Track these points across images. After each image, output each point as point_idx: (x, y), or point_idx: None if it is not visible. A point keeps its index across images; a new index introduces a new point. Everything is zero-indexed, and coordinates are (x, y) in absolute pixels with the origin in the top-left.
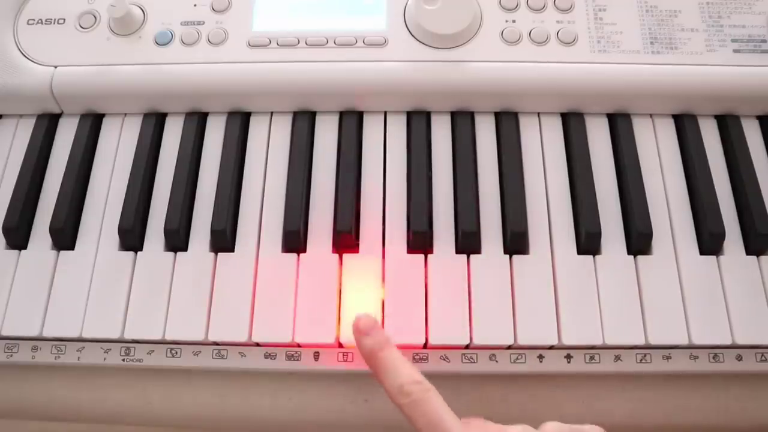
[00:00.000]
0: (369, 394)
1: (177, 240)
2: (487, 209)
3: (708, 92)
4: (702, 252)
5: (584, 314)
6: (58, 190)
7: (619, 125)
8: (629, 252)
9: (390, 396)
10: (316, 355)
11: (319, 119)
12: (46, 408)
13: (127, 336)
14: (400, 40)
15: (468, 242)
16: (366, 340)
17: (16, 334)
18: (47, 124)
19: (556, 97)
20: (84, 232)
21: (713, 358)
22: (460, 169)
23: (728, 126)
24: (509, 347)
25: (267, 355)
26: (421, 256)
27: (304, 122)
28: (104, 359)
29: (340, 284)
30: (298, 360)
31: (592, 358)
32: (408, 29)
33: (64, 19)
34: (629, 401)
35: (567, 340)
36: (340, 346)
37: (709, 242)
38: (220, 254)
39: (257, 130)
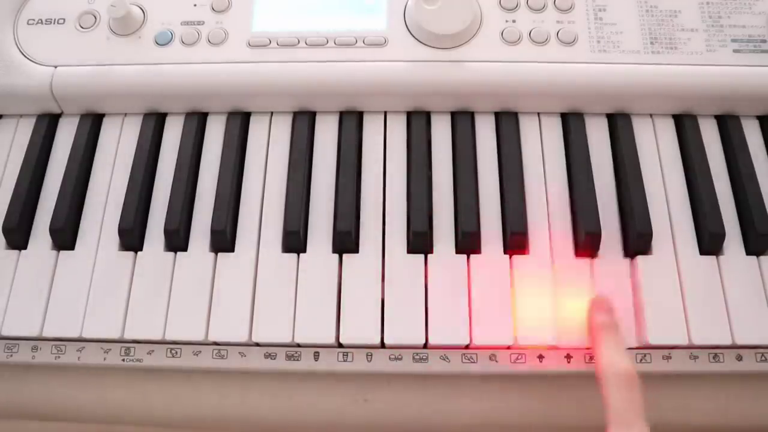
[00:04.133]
0: (369, 394)
1: (177, 240)
2: (487, 209)
3: (708, 92)
4: (702, 252)
5: (584, 314)
6: (58, 190)
7: (619, 125)
8: (629, 252)
9: (597, 368)
10: (316, 355)
11: (319, 119)
12: (46, 408)
13: (127, 336)
14: (400, 40)
15: (468, 242)
16: (598, 316)
17: (16, 334)
18: (47, 124)
19: (556, 97)
20: (84, 232)
21: (713, 358)
22: (460, 169)
23: (728, 126)
24: (509, 347)
25: (267, 355)
26: (421, 257)
27: (304, 122)
28: (104, 359)
29: (340, 284)
30: (298, 360)
31: (592, 358)
32: (408, 29)
33: (64, 19)
34: None
35: (567, 341)
36: (340, 346)
37: (709, 242)
38: (220, 254)
39: (257, 130)
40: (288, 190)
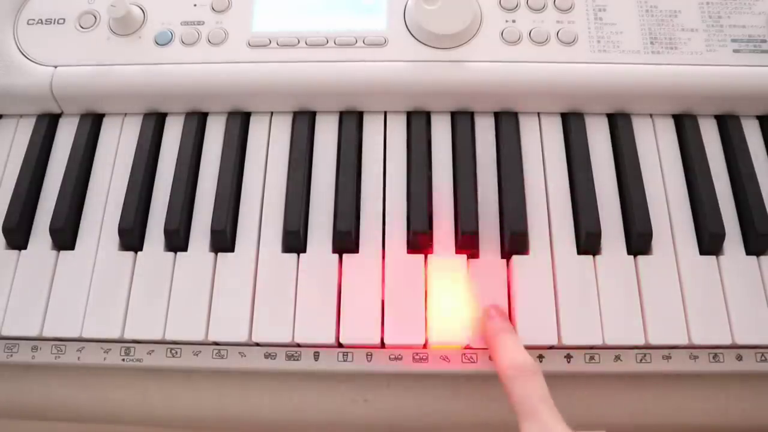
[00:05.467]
0: (369, 394)
1: (177, 240)
2: (487, 209)
3: (708, 92)
4: (702, 252)
5: (584, 314)
6: (58, 190)
7: (619, 125)
8: (629, 252)
9: (498, 373)
10: (316, 355)
11: (319, 119)
12: (46, 408)
13: (127, 336)
14: (400, 40)
15: (467, 242)
16: (489, 323)
17: (16, 334)
18: (47, 124)
19: (556, 97)
20: (84, 232)
21: (713, 358)
22: (460, 169)
23: (728, 126)
24: None
25: (267, 355)
26: (421, 256)
27: (304, 122)
28: (104, 359)
29: (340, 284)
30: (298, 360)
31: (592, 358)
32: (408, 29)
33: (64, 19)
34: (629, 401)
35: (567, 340)
36: (340, 346)
37: (709, 242)
38: (220, 254)
39: (257, 130)
40: (288, 190)
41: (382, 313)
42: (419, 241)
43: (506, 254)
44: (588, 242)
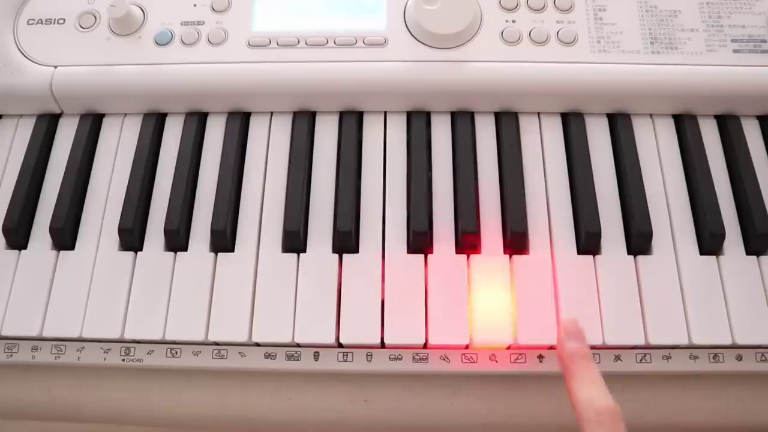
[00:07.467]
0: (369, 394)
1: (177, 240)
2: (487, 209)
3: (708, 92)
4: (702, 252)
5: (584, 314)
6: (58, 190)
7: (619, 125)
8: (629, 252)
9: (574, 403)
10: (316, 355)
11: (319, 119)
12: (46, 408)
13: (127, 336)
14: (400, 40)
15: (467, 242)
16: (569, 343)
17: (16, 334)
18: (47, 124)
19: (556, 97)
20: (84, 232)
21: (713, 358)
22: (460, 169)
23: (728, 126)
24: (509, 347)
25: (267, 355)
26: (421, 256)
27: (304, 122)
28: (104, 359)
29: (340, 284)
30: (298, 360)
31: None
32: (408, 29)
33: (64, 19)
34: (629, 401)
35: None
36: (340, 346)
37: (709, 242)
38: (220, 254)
39: (257, 130)
40: (288, 190)
41: (382, 313)
42: (419, 241)
43: (507, 253)
44: (588, 242)
